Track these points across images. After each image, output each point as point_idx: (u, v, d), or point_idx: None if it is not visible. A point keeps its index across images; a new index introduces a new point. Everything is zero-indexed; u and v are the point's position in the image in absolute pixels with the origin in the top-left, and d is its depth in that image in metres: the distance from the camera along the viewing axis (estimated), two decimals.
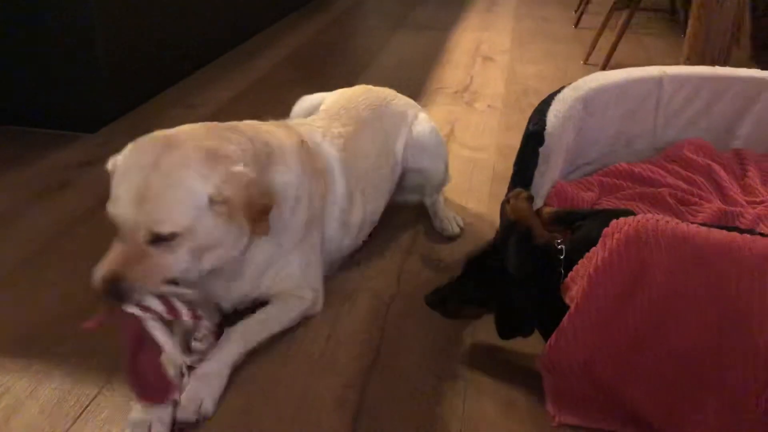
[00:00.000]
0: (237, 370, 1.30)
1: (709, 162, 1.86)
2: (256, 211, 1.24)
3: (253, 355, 1.34)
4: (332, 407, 1.25)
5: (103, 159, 2.26)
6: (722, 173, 1.82)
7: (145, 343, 1.15)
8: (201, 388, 1.20)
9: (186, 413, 1.17)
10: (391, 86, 1.96)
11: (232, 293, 1.40)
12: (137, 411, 1.16)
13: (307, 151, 1.48)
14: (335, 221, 1.56)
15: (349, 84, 1.94)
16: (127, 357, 1.15)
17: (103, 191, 2.00)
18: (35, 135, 2.44)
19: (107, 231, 1.79)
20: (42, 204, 1.95)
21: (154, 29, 2.78)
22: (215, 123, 1.36)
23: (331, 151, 1.57)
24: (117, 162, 1.22)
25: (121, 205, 1.15)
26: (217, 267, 1.28)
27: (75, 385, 1.27)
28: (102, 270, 1.14)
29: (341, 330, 1.46)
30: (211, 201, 1.18)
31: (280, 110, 1.92)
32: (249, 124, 1.43)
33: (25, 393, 1.25)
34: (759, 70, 2.01)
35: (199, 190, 1.17)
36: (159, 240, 1.16)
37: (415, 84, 3.10)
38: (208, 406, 1.19)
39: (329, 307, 1.52)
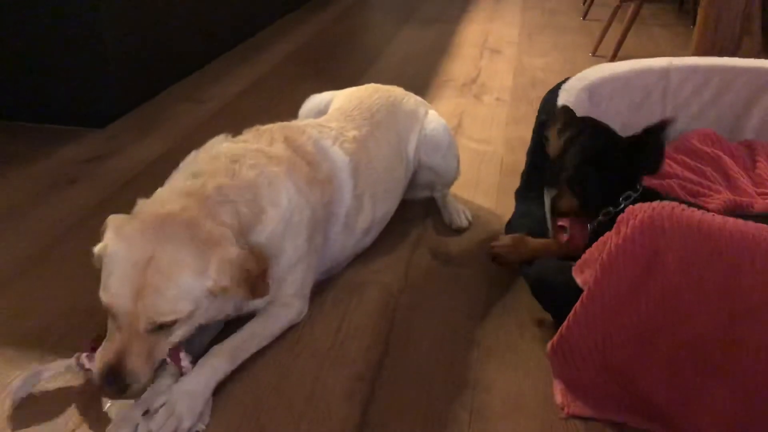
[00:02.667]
0: (245, 363, 1.30)
1: (718, 152, 1.85)
2: (254, 281, 1.23)
3: (262, 348, 1.35)
4: (341, 399, 1.25)
5: (112, 154, 2.28)
6: (731, 164, 1.81)
7: None
8: (181, 405, 1.15)
9: (163, 430, 1.12)
10: (398, 80, 1.96)
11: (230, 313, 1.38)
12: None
13: (303, 163, 1.45)
14: (340, 225, 1.54)
15: (357, 78, 1.95)
16: None
17: (111, 186, 2.02)
18: (43, 130, 2.45)
19: None
20: (51, 199, 1.96)
21: (161, 24, 2.79)
22: (198, 185, 1.30)
23: (340, 156, 1.55)
24: (106, 251, 1.19)
25: (118, 299, 1.14)
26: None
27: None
28: (100, 363, 1.14)
29: (350, 323, 1.46)
30: (210, 291, 1.18)
31: (288, 105, 1.93)
32: (233, 164, 1.35)
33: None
34: (766, 61, 1.99)
35: (197, 285, 1.17)
36: (160, 327, 1.16)
37: (422, 77, 3.10)
38: (186, 424, 1.14)
39: (338, 301, 1.53)
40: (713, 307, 1.06)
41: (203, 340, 1.35)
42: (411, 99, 1.87)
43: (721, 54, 2.29)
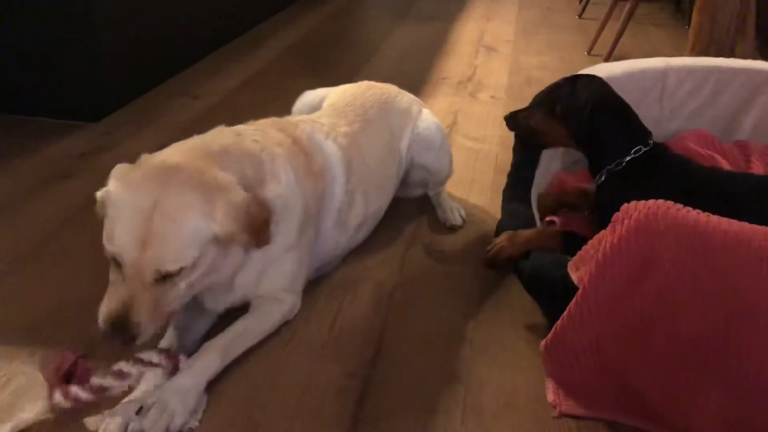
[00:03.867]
0: (239, 359, 1.30)
1: (712, 153, 1.86)
2: (258, 228, 1.24)
3: (255, 344, 1.35)
4: (335, 395, 1.25)
5: (106, 149, 2.28)
6: (726, 164, 1.82)
7: None
8: (174, 402, 1.14)
9: (155, 428, 1.11)
10: (394, 77, 1.96)
11: (222, 301, 1.38)
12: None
13: (301, 153, 1.46)
14: (332, 221, 1.54)
15: (353, 75, 1.95)
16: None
17: (106, 181, 2.01)
18: (38, 124, 2.44)
19: None
20: (46, 193, 1.96)
21: (157, 19, 2.78)
22: (202, 142, 1.33)
23: (333, 150, 1.55)
24: (108, 196, 1.18)
25: (123, 246, 1.13)
26: (211, 286, 1.30)
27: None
28: (106, 312, 1.13)
29: (344, 319, 1.46)
30: (216, 236, 1.18)
31: (283, 100, 1.93)
32: (237, 136, 1.38)
33: (31, 380, 1.25)
34: (764, 62, 2.00)
35: (204, 228, 1.16)
36: (166, 276, 1.15)
37: (418, 75, 3.10)
38: (179, 421, 1.14)
39: (332, 297, 1.53)
40: (707, 307, 1.07)
41: (196, 337, 1.35)
42: (404, 97, 1.87)
43: (716, 55, 2.30)
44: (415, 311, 1.49)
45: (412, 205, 1.92)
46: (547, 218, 1.67)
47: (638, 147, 1.48)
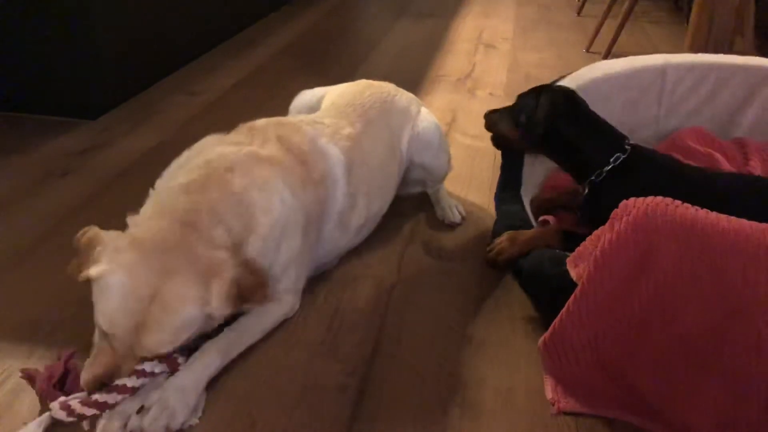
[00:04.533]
0: (238, 358, 1.30)
1: (711, 151, 1.86)
2: (253, 294, 1.24)
3: (255, 342, 1.35)
4: (333, 393, 1.25)
5: (104, 146, 2.27)
6: (724, 162, 1.82)
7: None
8: (174, 401, 1.15)
9: (155, 426, 1.12)
10: (392, 74, 1.96)
11: None
12: None
13: (298, 164, 1.44)
14: (333, 223, 1.54)
15: (351, 72, 1.94)
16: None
17: (103, 178, 2.01)
18: (35, 122, 2.44)
19: (108, 218, 1.80)
20: (43, 191, 1.95)
21: (154, 16, 2.77)
22: (184, 205, 1.28)
23: (335, 153, 1.54)
24: (103, 278, 1.16)
25: (118, 329, 1.13)
26: None
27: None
28: (90, 377, 1.13)
29: (343, 317, 1.46)
30: (211, 317, 1.20)
31: (281, 98, 1.92)
32: (229, 170, 1.34)
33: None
34: (763, 59, 2.00)
35: (200, 315, 1.17)
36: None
37: (416, 72, 3.10)
38: (179, 419, 1.15)
39: (331, 295, 1.53)
40: (705, 305, 1.07)
41: (195, 336, 1.35)
42: (403, 96, 1.86)
43: (714, 51, 2.30)
44: (413, 309, 1.49)
45: (411, 202, 1.92)
46: (542, 218, 1.67)
47: (616, 155, 1.48)
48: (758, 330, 1.04)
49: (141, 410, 1.15)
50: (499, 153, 2.24)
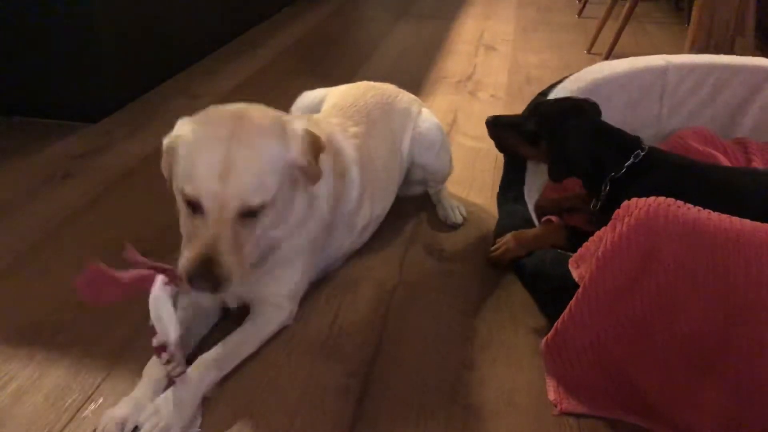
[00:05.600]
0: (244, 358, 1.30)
1: (712, 151, 1.85)
2: (316, 158, 1.26)
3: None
4: (335, 395, 1.25)
5: (105, 149, 2.28)
6: (725, 162, 1.81)
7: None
8: (169, 414, 1.12)
9: None
10: (393, 76, 1.96)
11: (236, 296, 1.37)
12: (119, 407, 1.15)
13: (332, 153, 1.45)
14: (342, 224, 1.53)
15: (352, 74, 1.94)
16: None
17: (105, 181, 2.01)
18: (37, 125, 2.44)
19: (110, 220, 1.80)
20: (45, 194, 1.95)
21: (156, 19, 2.77)
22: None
23: (350, 152, 1.54)
24: (180, 137, 1.16)
25: (204, 182, 1.10)
26: (275, 241, 1.30)
27: (79, 373, 1.28)
28: (192, 256, 1.08)
29: (344, 319, 1.46)
30: (292, 165, 1.19)
31: (283, 100, 1.92)
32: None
33: (30, 381, 1.26)
34: (764, 59, 2.00)
35: (281, 157, 1.18)
36: (247, 214, 1.13)
37: (417, 74, 3.10)
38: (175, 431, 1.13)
39: (332, 297, 1.53)
40: (707, 305, 1.06)
41: (196, 338, 1.35)
42: (404, 97, 1.86)
43: (715, 52, 2.30)
44: (415, 310, 1.49)
45: (412, 204, 1.92)
46: (545, 218, 1.67)
47: (636, 152, 1.49)
48: (761, 331, 1.03)
49: (135, 430, 1.12)
50: (500, 154, 2.24)
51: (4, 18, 2.35)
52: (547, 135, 1.55)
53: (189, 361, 1.22)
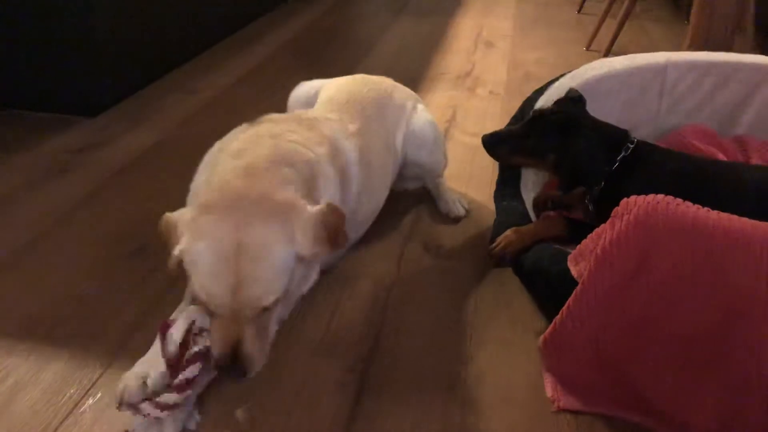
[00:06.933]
0: None
1: (712, 149, 1.85)
2: (335, 232, 1.23)
3: None
4: (333, 391, 1.25)
5: (103, 144, 2.27)
6: (725, 159, 1.81)
7: None
8: (163, 422, 1.13)
9: None
10: (392, 72, 1.95)
11: None
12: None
13: (335, 156, 1.45)
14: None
15: (351, 70, 1.94)
16: None
17: (103, 176, 2.01)
18: (35, 119, 2.44)
19: (107, 215, 1.80)
20: (42, 188, 1.95)
21: (154, 13, 2.77)
22: (253, 154, 1.29)
23: (351, 151, 1.53)
24: (186, 252, 1.14)
25: (216, 296, 1.11)
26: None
27: (77, 368, 1.28)
28: (218, 357, 1.12)
29: (342, 315, 1.46)
30: (301, 258, 1.17)
31: (281, 96, 1.92)
32: (279, 140, 1.36)
33: (28, 375, 1.26)
34: (763, 57, 1.99)
35: (290, 257, 1.15)
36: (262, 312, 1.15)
37: (416, 70, 3.09)
38: (170, 430, 1.13)
39: (330, 293, 1.53)
40: (705, 304, 1.07)
41: None
42: (399, 92, 1.85)
43: (714, 49, 2.29)
44: (412, 306, 1.49)
45: (410, 199, 1.92)
46: (544, 214, 1.67)
47: (626, 145, 1.50)
48: (759, 328, 1.04)
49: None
50: None
51: (1, 12, 2.34)
52: (554, 150, 1.54)
53: None
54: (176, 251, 1.14)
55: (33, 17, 2.34)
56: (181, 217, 1.17)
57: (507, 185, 1.74)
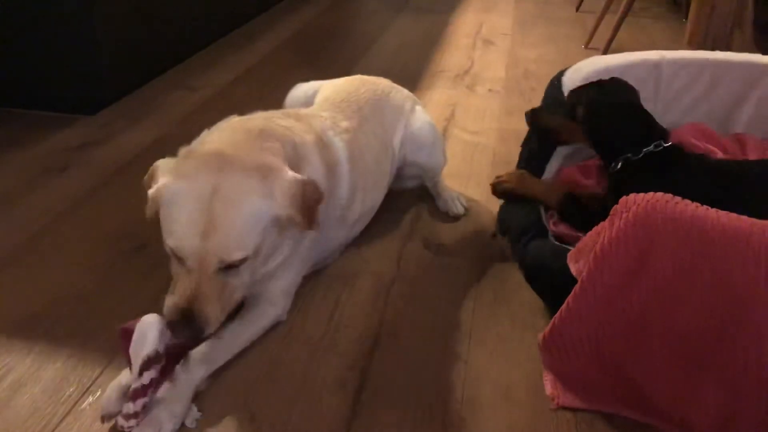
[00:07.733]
0: (238, 353, 1.30)
1: (710, 147, 1.85)
2: (311, 209, 1.23)
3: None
4: (333, 389, 1.25)
5: (103, 141, 2.27)
6: (722, 158, 1.81)
7: None
8: (161, 412, 1.12)
9: None
10: (391, 69, 1.96)
11: None
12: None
13: (323, 147, 1.46)
14: (335, 219, 1.53)
15: (350, 67, 1.94)
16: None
17: (103, 174, 2.01)
18: (35, 117, 2.44)
19: (108, 212, 1.80)
20: (42, 186, 1.95)
21: (153, 11, 2.76)
22: (242, 126, 1.33)
23: (341, 146, 1.54)
24: (163, 190, 1.14)
25: (186, 238, 1.10)
26: (266, 274, 1.30)
27: (77, 365, 1.28)
28: (172, 305, 1.11)
29: (342, 312, 1.46)
30: (277, 218, 1.17)
31: (280, 93, 1.92)
32: (269, 122, 1.39)
33: (28, 373, 1.26)
34: (760, 55, 2.00)
35: (265, 212, 1.15)
36: (229, 267, 1.14)
37: (415, 67, 3.09)
38: (168, 427, 1.12)
39: (330, 290, 1.53)
40: (705, 301, 1.07)
41: None
42: (397, 92, 1.86)
43: (713, 48, 2.30)
44: (412, 304, 1.50)
45: (409, 197, 1.92)
46: (551, 211, 1.67)
47: (658, 141, 1.50)
48: (758, 327, 1.04)
49: None
50: (497, 149, 2.24)
51: (1, 9, 2.34)
52: (586, 104, 1.58)
53: None
54: (151, 190, 1.14)
55: (33, 15, 2.34)
56: (163, 162, 1.19)
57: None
